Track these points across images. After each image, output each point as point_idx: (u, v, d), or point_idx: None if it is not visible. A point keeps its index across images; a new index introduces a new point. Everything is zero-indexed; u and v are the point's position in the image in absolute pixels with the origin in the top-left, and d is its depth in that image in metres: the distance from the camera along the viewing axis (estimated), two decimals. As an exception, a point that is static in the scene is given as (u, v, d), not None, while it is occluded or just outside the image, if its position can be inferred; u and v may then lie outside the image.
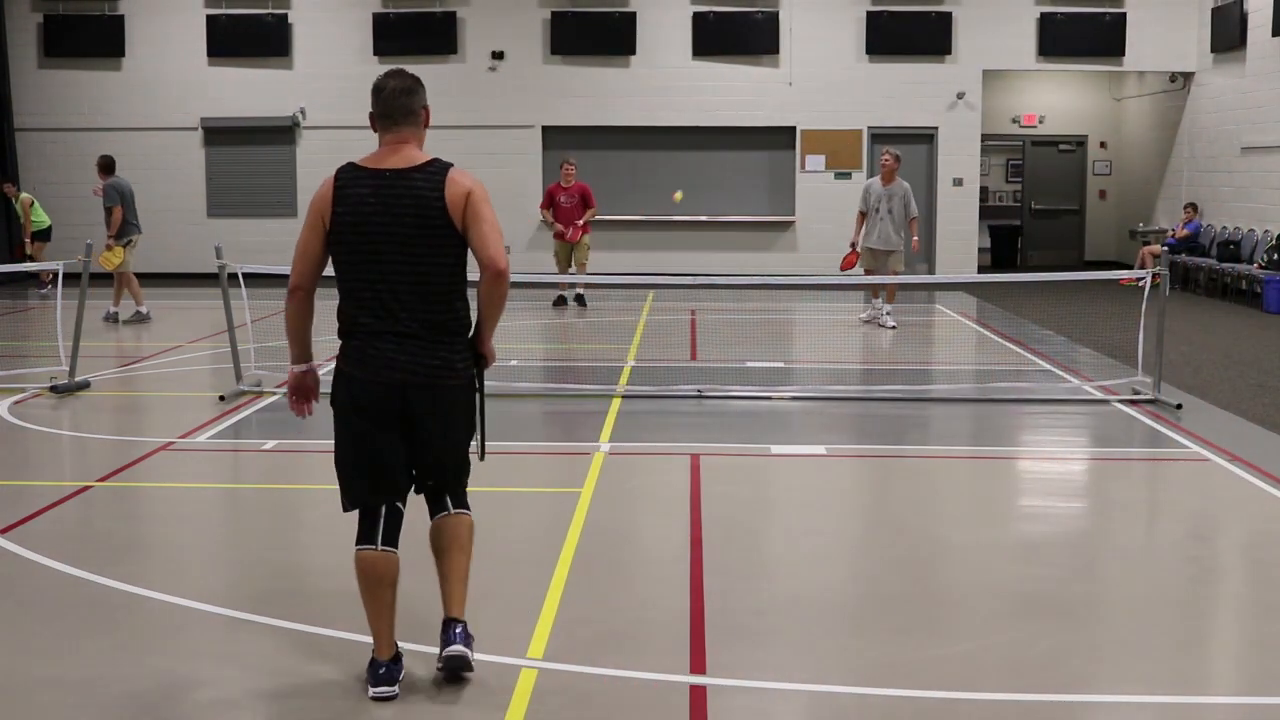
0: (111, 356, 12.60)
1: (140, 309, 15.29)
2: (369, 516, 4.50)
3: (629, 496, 7.42)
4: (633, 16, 20.65)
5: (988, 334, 14.65)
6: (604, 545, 6.35)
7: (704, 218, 21.03)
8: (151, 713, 4.41)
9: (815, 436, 9.10)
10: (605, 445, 8.51)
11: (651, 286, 17.77)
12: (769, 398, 10.28)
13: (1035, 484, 8.12)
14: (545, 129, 21.03)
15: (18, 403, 9.98)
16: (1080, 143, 24.20)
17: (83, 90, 21.33)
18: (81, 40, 21.15)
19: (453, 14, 20.80)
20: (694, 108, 20.83)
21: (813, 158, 20.97)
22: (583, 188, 16.35)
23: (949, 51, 20.77)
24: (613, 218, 19.82)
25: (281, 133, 21.27)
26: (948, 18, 20.67)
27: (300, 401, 4.64)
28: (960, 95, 20.82)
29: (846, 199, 19.43)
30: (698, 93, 20.81)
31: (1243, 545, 6.81)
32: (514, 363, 11.93)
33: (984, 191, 23.06)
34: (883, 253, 14.48)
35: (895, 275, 14.36)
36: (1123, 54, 20.79)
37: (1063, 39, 20.70)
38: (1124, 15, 20.62)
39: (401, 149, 4.43)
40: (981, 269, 22.31)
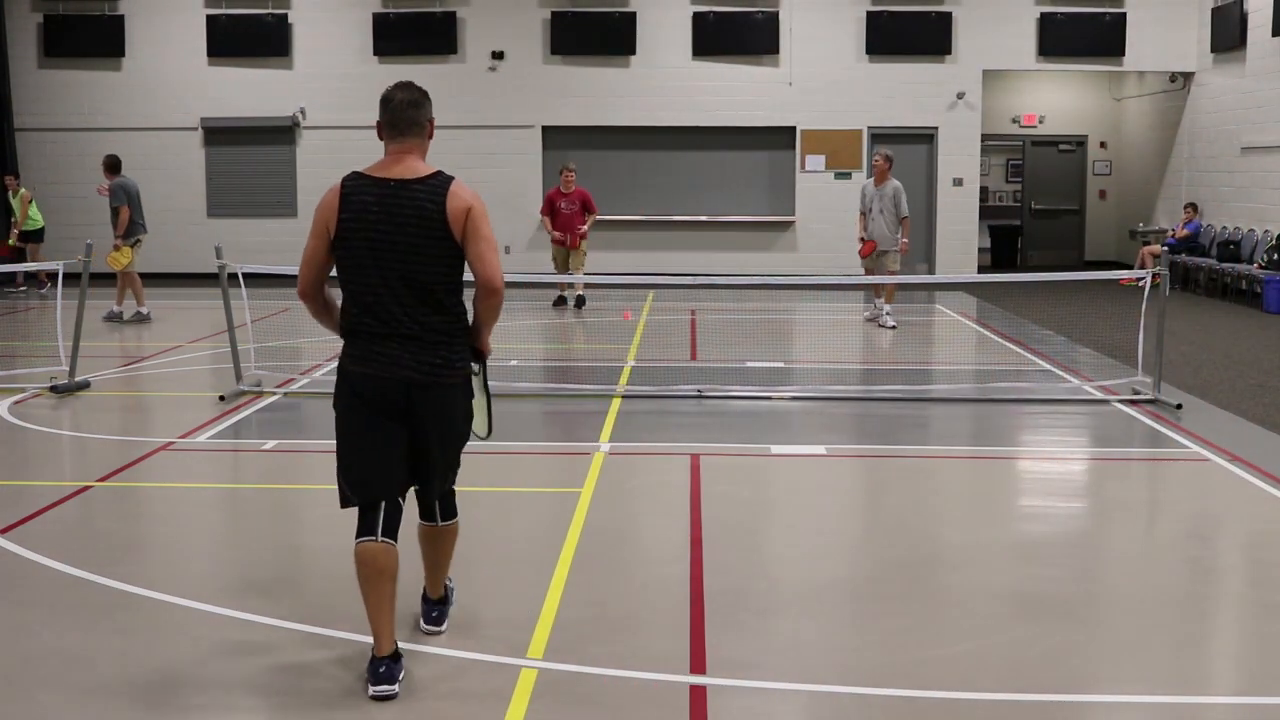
0: (111, 356, 12.60)
1: (141, 309, 15.29)
2: (369, 510, 4.58)
3: (629, 496, 7.42)
4: (633, 16, 20.65)
5: (988, 334, 14.65)
6: (604, 545, 6.35)
7: (704, 218, 21.04)
8: (152, 712, 4.41)
9: (815, 436, 9.10)
10: (605, 445, 8.51)
11: (651, 286, 17.78)
12: (769, 398, 10.29)
13: (1035, 484, 8.12)
14: (545, 129, 21.03)
15: (18, 403, 9.98)
16: (1080, 143, 24.19)
17: (83, 90, 21.33)
18: (81, 40, 21.15)
19: (453, 14, 20.80)
20: (694, 108, 20.83)
21: (813, 158, 20.97)
22: (583, 194, 16.23)
23: (949, 51, 20.77)
24: (612, 218, 19.81)
25: (281, 133, 21.26)
26: (948, 18, 20.67)
27: None
28: (960, 95, 20.82)
29: (846, 199, 19.48)
30: (698, 93, 20.81)
31: (1243, 545, 6.81)
32: (514, 363, 11.94)
33: (984, 191, 23.06)
34: (880, 252, 14.60)
35: (892, 275, 14.44)
36: (1123, 54, 20.79)
37: (1063, 39, 20.69)
38: (1124, 15, 20.61)
39: (406, 159, 4.58)
40: (981, 269, 22.31)
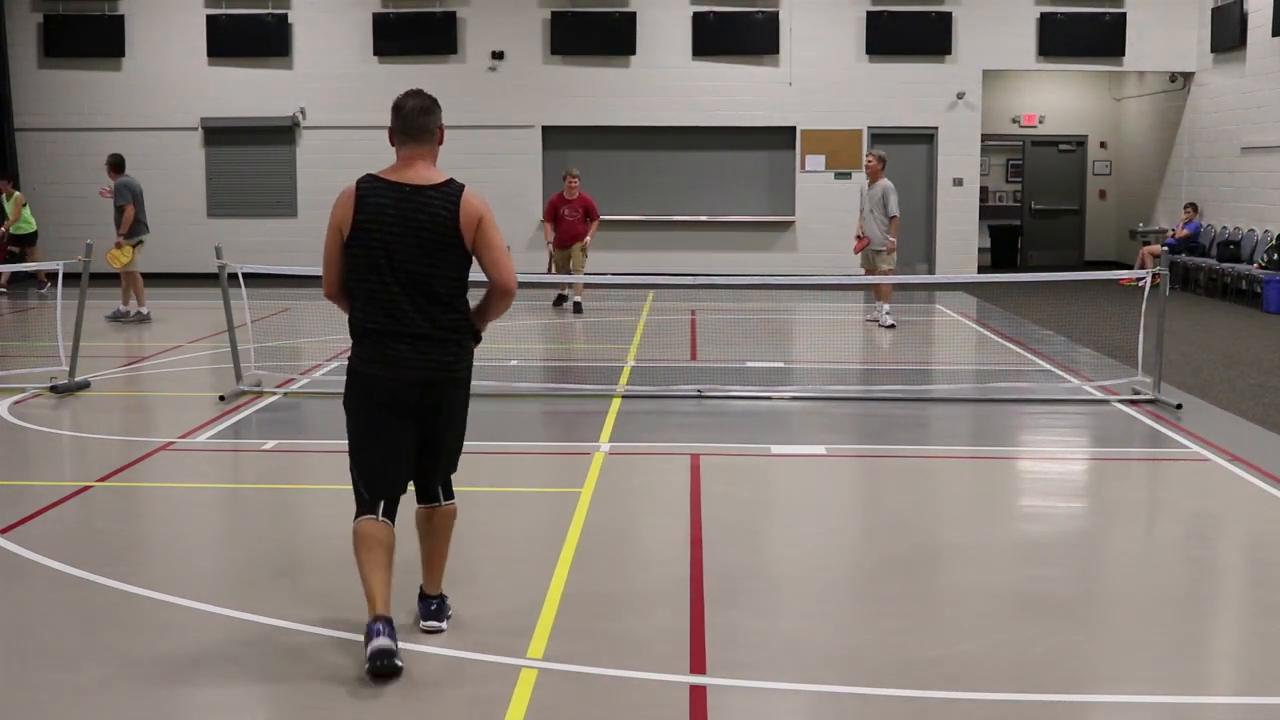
0: (111, 356, 12.59)
1: (142, 309, 15.29)
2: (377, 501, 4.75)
3: (629, 496, 7.42)
4: (633, 16, 20.64)
5: (988, 334, 14.65)
6: (604, 545, 6.35)
7: (704, 218, 21.03)
8: (152, 712, 4.42)
9: (815, 436, 9.10)
10: (605, 445, 8.51)
11: (651, 286, 17.77)
12: (769, 398, 10.28)
13: (1035, 484, 8.12)
14: (545, 129, 21.02)
15: (18, 403, 9.98)
16: (1080, 143, 24.19)
17: (83, 90, 21.32)
18: (81, 40, 21.13)
19: (453, 14, 20.79)
20: (694, 108, 20.82)
21: (813, 158, 20.96)
22: (586, 200, 16.03)
23: (949, 51, 20.76)
24: (613, 218, 19.79)
25: (281, 133, 21.25)
26: (948, 18, 20.66)
27: None
28: (960, 95, 20.81)
29: (846, 199, 19.46)
30: (698, 93, 20.79)
31: (1243, 545, 6.81)
32: (514, 363, 11.94)
33: (984, 191, 23.05)
34: (873, 252, 14.71)
35: (887, 274, 14.48)
36: (1123, 54, 20.78)
37: (1063, 39, 20.68)
38: (1124, 15, 20.60)
39: (418, 164, 4.74)
40: (981, 269, 22.30)
